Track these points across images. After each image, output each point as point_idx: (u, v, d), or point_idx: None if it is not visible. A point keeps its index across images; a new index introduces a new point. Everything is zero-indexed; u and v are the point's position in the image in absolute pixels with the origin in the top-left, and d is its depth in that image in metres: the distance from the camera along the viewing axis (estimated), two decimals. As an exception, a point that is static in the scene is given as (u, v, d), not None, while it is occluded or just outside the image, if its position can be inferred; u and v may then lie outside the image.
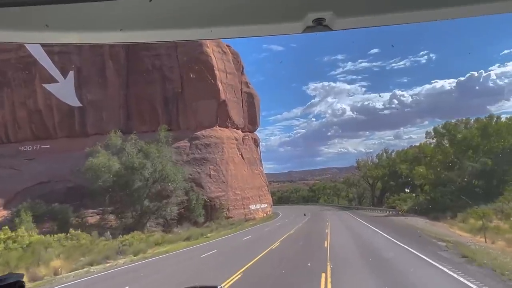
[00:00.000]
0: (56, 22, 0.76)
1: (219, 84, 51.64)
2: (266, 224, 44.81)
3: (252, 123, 62.17)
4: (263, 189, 60.00)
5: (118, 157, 36.28)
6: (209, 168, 47.00)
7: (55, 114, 43.25)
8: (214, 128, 50.91)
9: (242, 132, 58.80)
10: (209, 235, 34.15)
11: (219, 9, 0.71)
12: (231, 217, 46.61)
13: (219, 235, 34.14)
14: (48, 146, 42.66)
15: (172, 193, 38.87)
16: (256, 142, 62.61)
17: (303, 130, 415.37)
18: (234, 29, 0.76)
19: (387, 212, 46.83)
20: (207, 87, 49.82)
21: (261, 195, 58.17)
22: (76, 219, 36.20)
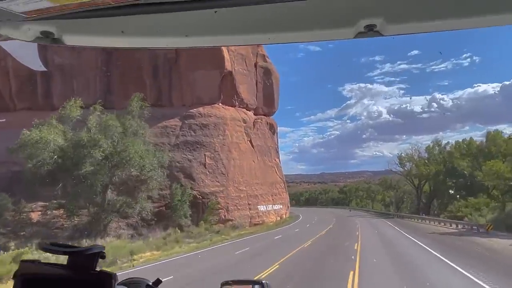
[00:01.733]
0: (131, 29, 0.84)
1: (225, 51, 40.75)
2: (269, 234, 33.37)
3: (268, 104, 50.74)
4: (278, 186, 48.47)
5: (74, 133, 26.57)
6: (204, 155, 36.36)
7: (12, 80, 34.68)
8: (216, 105, 40.18)
9: (255, 114, 47.64)
10: (180, 246, 23.41)
11: (276, 18, 0.76)
12: (231, 220, 35.70)
13: (188, 248, 23.27)
14: (4, 120, 34.02)
15: (147, 185, 28.62)
16: (272, 128, 51.09)
17: (337, 132, 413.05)
18: (290, 35, 0.80)
19: (452, 225, 32.06)
20: (209, 54, 39.01)
21: (275, 194, 46.68)
22: (14, 214, 26.99)
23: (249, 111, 45.86)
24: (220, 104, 40.78)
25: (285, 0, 0.67)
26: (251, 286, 1.64)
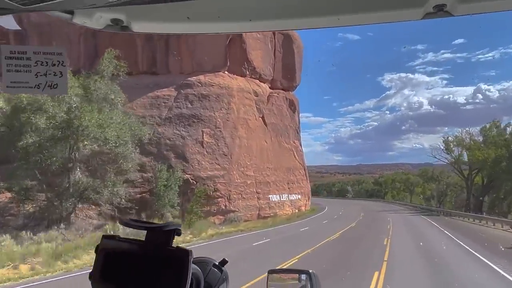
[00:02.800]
0: (196, 15, 0.84)
1: (233, 8, 33.49)
2: (268, 232, 26.14)
3: (288, 77, 42.92)
4: (296, 172, 41.03)
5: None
6: (202, 131, 29.77)
7: (-18, 40, 30.12)
8: (220, 73, 33.25)
9: (271, 88, 40.19)
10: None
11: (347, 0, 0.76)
12: (233, 211, 29.10)
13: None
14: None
15: (118, 164, 22.63)
16: (292, 105, 43.30)
17: (375, 123, 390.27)
18: (355, 17, 0.77)
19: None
20: (213, 12, 32.03)
21: (292, 181, 39.36)
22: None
23: (263, 83, 38.44)
24: (226, 72, 33.82)
25: None
26: (297, 275, 1.52)
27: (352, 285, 10.03)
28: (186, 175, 27.59)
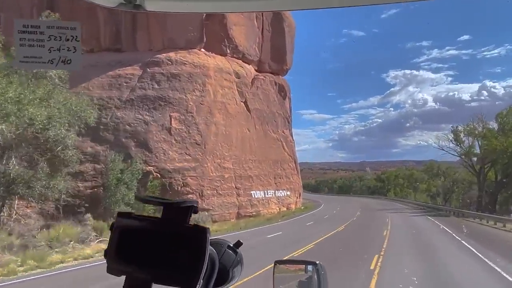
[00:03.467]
0: None
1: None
2: (231, 237, 21.71)
3: (277, 59, 38.39)
4: (285, 166, 36.66)
5: None
6: (170, 116, 25.41)
7: None
8: (195, 50, 28.80)
9: (258, 70, 35.76)
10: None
11: None
12: (207, 210, 24.80)
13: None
14: None
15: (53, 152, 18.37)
16: (282, 90, 38.80)
17: (380, 120, 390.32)
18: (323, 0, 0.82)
19: None
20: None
21: (280, 176, 35.02)
22: None
23: (248, 64, 33.97)
24: (201, 50, 29.39)
25: None
26: (304, 266, 1.51)
27: None
28: (149, 167, 23.34)
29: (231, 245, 0.67)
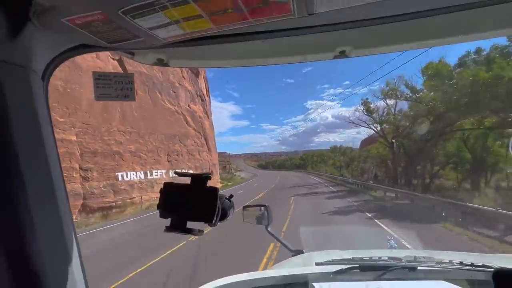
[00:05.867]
0: (217, 54, 1.13)
1: None
2: None
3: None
4: (189, 142, 29.06)
5: None
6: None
7: None
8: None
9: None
10: None
11: (289, 47, 1.09)
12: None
13: None
14: None
15: None
16: (195, 68, 31.07)
17: (303, 128, 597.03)
18: (290, 58, 1.13)
19: None
20: None
21: (179, 153, 27.55)
22: None
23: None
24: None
25: (286, 35, 0.94)
26: (259, 207, 2.39)
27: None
28: None
29: (227, 197, 0.95)
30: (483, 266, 1.52)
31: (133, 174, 22.26)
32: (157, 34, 0.71)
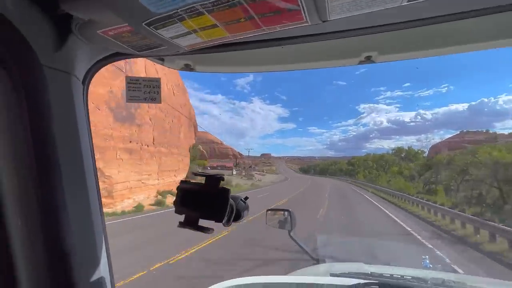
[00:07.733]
0: (238, 60, 1.17)
1: None
2: None
3: None
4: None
5: None
6: None
7: None
8: None
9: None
10: None
11: (311, 53, 1.09)
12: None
13: None
14: None
15: None
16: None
17: (354, 133, 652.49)
18: (313, 64, 1.14)
19: None
20: None
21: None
22: None
23: None
24: None
25: (306, 41, 0.95)
26: (283, 212, 2.37)
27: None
28: None
29: (243, 199, 0.98)
30: None
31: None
32: (178, 42, 0.77)
